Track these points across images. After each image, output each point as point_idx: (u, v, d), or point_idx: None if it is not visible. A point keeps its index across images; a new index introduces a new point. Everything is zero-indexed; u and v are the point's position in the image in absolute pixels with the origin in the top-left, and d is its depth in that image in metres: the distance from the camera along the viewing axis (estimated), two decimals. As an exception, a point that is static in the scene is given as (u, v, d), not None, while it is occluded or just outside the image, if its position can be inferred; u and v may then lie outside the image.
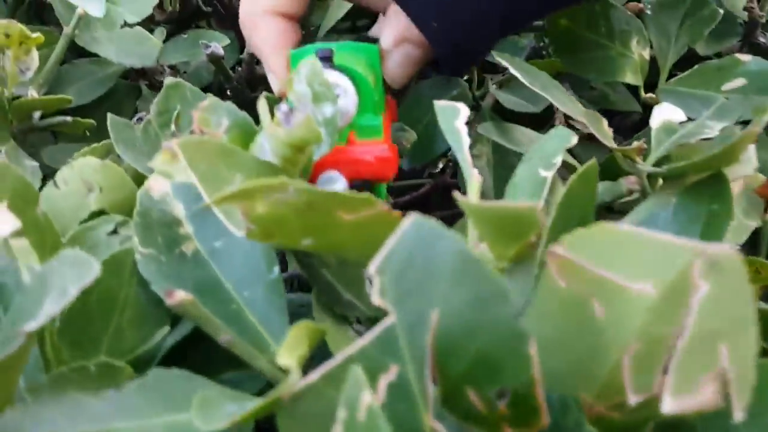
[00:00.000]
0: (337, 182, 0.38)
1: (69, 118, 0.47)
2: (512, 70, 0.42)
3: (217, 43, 0.51)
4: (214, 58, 0.50)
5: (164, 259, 0.31)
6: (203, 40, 0.50)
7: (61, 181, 0.37)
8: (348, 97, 0.38)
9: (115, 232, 0.35)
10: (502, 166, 0.62)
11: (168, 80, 0.44)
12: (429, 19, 0.40)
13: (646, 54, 0.53)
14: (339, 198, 0.24)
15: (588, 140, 0.47)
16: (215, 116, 0.36)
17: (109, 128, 0.41)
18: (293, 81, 0.36)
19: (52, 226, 0.32)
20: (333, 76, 0.38)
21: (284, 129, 0.33)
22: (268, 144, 0.35)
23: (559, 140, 0.35)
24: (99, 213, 0.36)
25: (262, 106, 0.34)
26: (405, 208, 0.75)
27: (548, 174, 0.33)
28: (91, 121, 0.48)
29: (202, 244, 0.31)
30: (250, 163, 0.30)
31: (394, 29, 0.42)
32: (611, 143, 0.39)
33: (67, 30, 0.49)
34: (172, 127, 0.39)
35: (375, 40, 0.43)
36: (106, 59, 0.53)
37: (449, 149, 0.68)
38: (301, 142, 0.33)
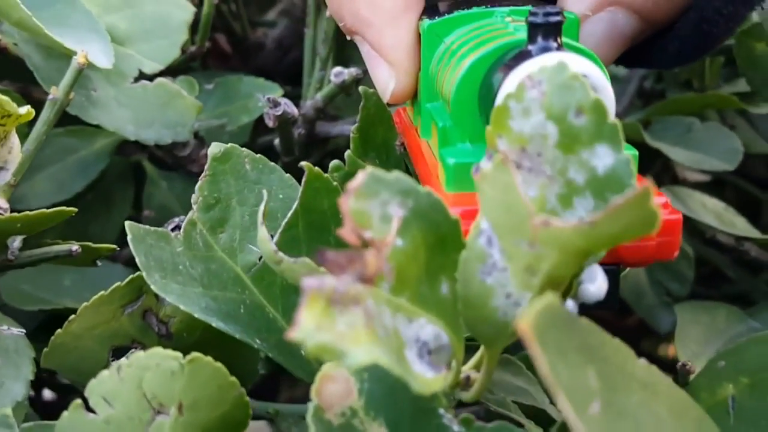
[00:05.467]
0: (596, 276, 0.19)
1: (76, 247, 0.27)
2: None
3: (277, 98, 0.32)
4: (284, 120, 0.31)
5: None
6: (268, 95, 0.31)
7: (98, 399, 0.19)
8: (606, 103, 0.20)
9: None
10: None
11: (214, 147, 0.26)
12: None
13: None
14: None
15: None
16: (378, 203, 0.17)
17: (130, 245, 0.22)
18: (507, 112, 0.18)
19: None
20: (577, 63, 0.19)
21: (565, 222, 0.14)
22: (502, 253, 0.17)
23: None
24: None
25: (491, 171, 0.15)
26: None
27: None
28: (113, 246, 0.28)
29: None
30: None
31: None
32: None
33: (56, 93, 0.28)
34: (261, 230, 0.20)
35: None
36: (92, 128, 0.33)
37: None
38: (605, 241, 0.15)
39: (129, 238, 0.22)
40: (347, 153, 0.30)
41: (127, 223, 0.23)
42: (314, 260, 0.20)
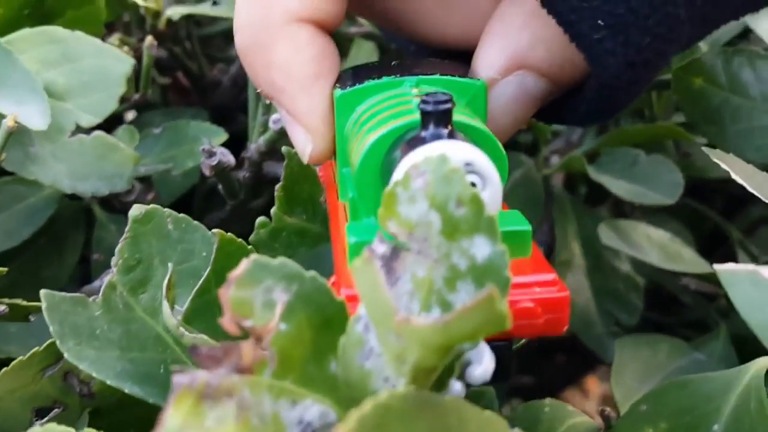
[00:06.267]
0: (483, 357, 0.20)
1: (3, 307, 0.27)
2: (734, 176, 0.25)
3: (213, 143, 0.33)
4: (220, 170, 0.32)
5: None
6: (204, 146, 0.32)
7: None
8: (490, 189, 0.20)
9: None
10: (599, 271, 0.45)
11: (134, 210, 0.26)
12: (587, 19, 0.23)
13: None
14: None
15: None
16: (261, 290, 0.18)
17: (45, 314, 0.23)
18: (395, 198, 0.19)
19: None
20: (462, 151, 0.20)
21: (422, 320, 0.15)
22: (378, 340, 0.17)
23: None
24: None
25: (361, 265, 0.16)
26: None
27: None
28: (39, 305, 0.29)
29: None
30: None
31: (505, 47, 0.25)
32: None
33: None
34: (164, 304, 0.21)
35: (457, 67, 0.26)
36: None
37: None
38: (459, 338, 0.16)
39: (43, 307, 0.23)
40: (273, 210, 0.30)
41: (42, 292, 0.23)
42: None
